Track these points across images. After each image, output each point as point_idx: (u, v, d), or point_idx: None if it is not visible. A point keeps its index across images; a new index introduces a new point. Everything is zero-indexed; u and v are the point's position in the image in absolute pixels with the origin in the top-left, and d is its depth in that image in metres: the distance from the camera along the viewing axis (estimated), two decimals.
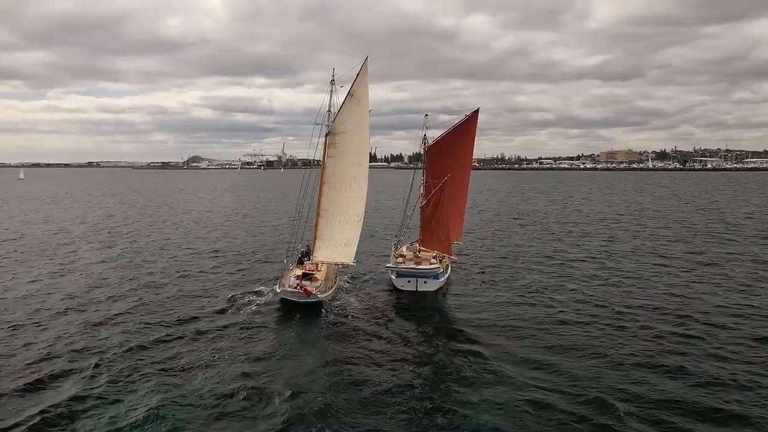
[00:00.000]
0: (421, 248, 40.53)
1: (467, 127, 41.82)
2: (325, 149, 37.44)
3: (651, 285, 38.56)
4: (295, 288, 32.52)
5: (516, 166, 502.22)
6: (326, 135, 37.18)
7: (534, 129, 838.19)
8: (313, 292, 32.37)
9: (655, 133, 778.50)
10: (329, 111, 36.86)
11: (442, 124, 43.39)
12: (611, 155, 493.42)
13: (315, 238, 37.81)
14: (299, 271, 35.90)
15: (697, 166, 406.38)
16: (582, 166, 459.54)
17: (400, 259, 39.06)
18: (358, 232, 37.35)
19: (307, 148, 37.25)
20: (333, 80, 36.43)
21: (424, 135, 41.54)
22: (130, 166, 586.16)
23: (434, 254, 39.62)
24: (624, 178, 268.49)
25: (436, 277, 37.34)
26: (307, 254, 38.46)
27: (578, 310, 32.53)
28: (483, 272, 43.35)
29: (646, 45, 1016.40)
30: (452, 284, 39.56)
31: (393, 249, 40.90)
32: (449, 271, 40.77)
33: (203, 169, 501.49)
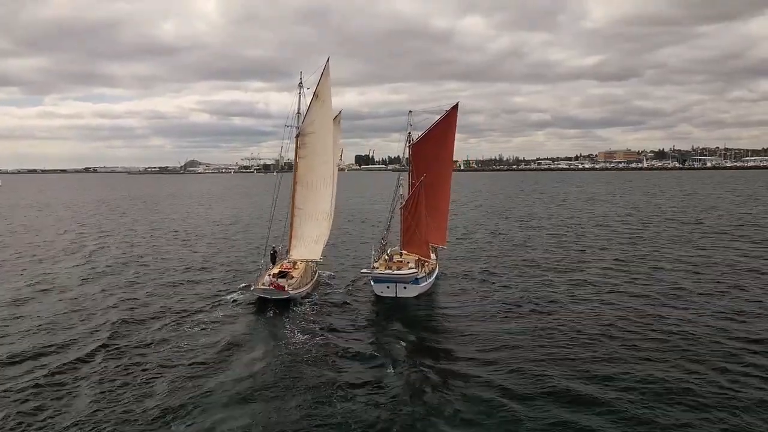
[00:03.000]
0: (403, 251, 39.48)
1: (447, 123, 40.24)
2: (296, 150, 38.27)
3: (651, 296, 35.74)
4: (269, 285, 33.94)
5: (514, 167, 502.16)
6: (296, 136, 37.96)
7: (531, 130, 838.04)
8: (285, 287, 33.83)
9: (653, 132, 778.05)
10: (298, 113, 37.59)
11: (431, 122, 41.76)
12: (609, 155, 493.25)
13: (291, 237, 39.01)
14: (276, 270, 37.53)
15: (696, 165, 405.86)
16: (581, 167, 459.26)
17: (377, 264, 37.09)
18: (328, 228, 38.71)
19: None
20: (301, 83, 37.28)
21: (409, 133, 40.43)
22: (126, 172, 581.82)
23: (416, 258, 38.18)
24: (629, 178, 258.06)
25: (416, 282, 35.72)
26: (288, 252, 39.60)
27: (569, 322, 30.22)
28: (471, 278, 41.34)
29: (642, 45, 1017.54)
30: (436, 291, 38.10)
31: (374, 252, 38.47)
32: (434, 276, 39.20)
33: (200, 173, 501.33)
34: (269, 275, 35.86)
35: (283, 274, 36.75)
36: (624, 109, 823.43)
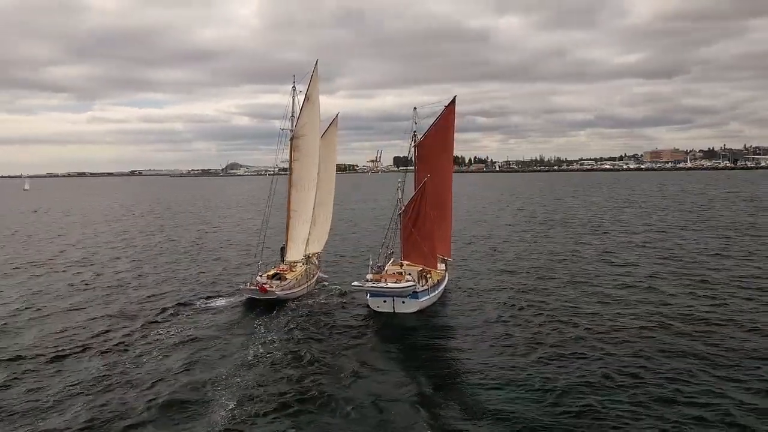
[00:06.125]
0: (404, 262, 36.14)
1: (446, 120, 37.63)
2: (291, 153, 37.96)
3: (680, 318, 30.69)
4: (255, 286, 34.61)
5: (555, 167, 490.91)
6: (291, 139, 37.61)
7: (573, 130, 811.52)
8: (270, 289, 34.34)
9: (702, 131, 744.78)
10: (292, 116, 37.23)
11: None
12: (656, 155, 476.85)
13: (287, 239, 39.10)
14: (272, 271, 37.83)
15: (749, 164, 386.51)
16: (625, 167, 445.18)
17: (370, 276, 33.56)
18: (322, 230, 39.14)
19: (342, 153, 38.54)
20: (294, 86, 36.87)
21: (414, 132, 37.43)
22: (169, 174, 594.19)
23: (419, 269, 35.07)
24: (684, 179, 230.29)
25: (415, 296, 32.39)
26: None
27: (595, 353, 25.54)
28: (487, 293, 37.05)
29: (688, 40, 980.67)
30: (441, 307, 34.38)
31: (371, 263, 35.15)
32: (440, 289, 35.42)
33: (240, 175, 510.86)
34: (260, 276, 35.94)
35: (277, 276, 36.82)
36: (670, 107, 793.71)
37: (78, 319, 31.65)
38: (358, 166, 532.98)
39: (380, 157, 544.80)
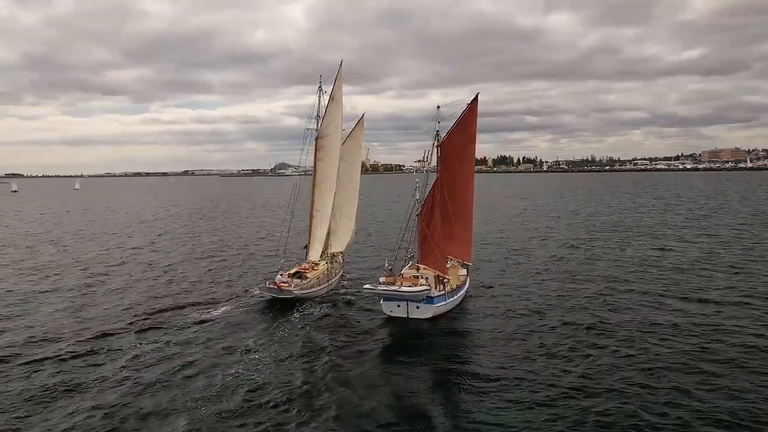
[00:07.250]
0: (420, 266, 34.99)
1: (468, 119, 36.85)
2: (315, 153, 38.38)
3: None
4: (273, 285, 35.14)
5: (607, 168, 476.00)
6: (315, 139, 38.07)
7: (626, 129, 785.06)
8: (287, 287, 34.84)
9: (765, 129, 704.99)
10: (317, 116, 37.68)
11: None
12: (715, 154, 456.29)
13: (310, 238, 39.68)
14: (293, 270, 38.44)
15: None
16: (681, 167, 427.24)
17: (383, 279, 32.53)
18: (349, 227, 39.71)
19: (390, 153, 38.75)
20: (320, 86, 37.33)
21: (437, 132, 36.47)
22: (220, 174, 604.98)
23: (435, 273, 33.90)
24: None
25: (429, 301, 31.46)
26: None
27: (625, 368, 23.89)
28: (512, 301, 35.38)
29: (749, 35, 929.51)
30: (459, 313, 33.23)
31: (387, 266, 33.94)
32: (459, 295, 34.50)
33: (287, 175, 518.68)
34: (281, 275, 36.34)
35: (297, 275, 37.26)
36: (730, 104, 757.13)
37: (105, 320, 32.41)
38: (404, 166, 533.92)
39: (427, 156, 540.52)
